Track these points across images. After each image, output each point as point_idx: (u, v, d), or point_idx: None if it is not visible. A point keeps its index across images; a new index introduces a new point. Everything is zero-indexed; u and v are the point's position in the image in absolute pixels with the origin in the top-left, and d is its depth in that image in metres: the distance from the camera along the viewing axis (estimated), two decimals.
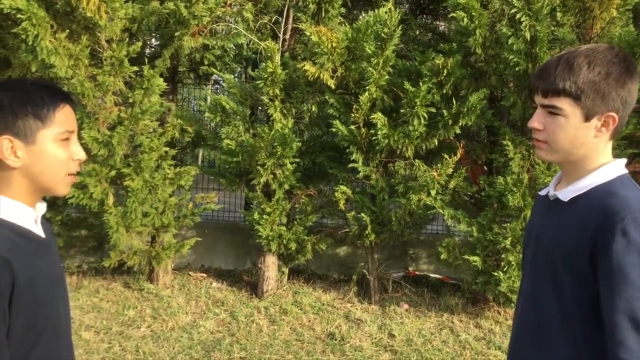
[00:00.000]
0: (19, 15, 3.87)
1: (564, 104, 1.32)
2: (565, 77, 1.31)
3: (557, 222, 1.38)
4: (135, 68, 4.36)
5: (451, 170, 4.48)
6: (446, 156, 4.47)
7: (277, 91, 4.59)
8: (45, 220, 1.43)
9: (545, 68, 1.36)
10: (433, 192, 4.47)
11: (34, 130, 1.28)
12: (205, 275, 5.46)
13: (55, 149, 1.30)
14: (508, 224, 4.35)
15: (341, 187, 4.67)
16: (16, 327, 1.22)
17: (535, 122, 1.37)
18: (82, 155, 1.35)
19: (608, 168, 1.34)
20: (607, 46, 1.35)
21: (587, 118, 1.32)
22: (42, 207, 1.37)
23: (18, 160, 1.28)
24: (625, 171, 1.36)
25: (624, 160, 1.38)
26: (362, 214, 4.67)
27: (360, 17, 5.26)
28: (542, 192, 1.51)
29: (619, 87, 1.31)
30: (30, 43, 3.95)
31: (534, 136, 1.39)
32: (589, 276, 1.27)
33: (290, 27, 4.89)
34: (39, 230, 1.34)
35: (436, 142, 4.57)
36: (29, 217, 1.32)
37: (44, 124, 1.29)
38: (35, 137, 1.28)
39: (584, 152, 1.35)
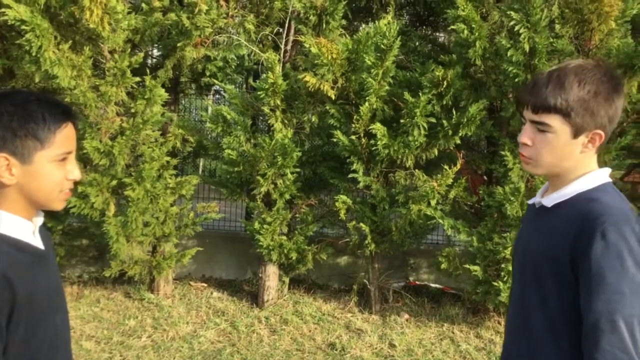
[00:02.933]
0: (23, 27, 3.91)
1: (554, 121, 1.34)
2: (556, 94, 1.34)
3: (541, 228, 1.42)
4: (138, 78, 4.39)
5: (451, 180, 4.50)
6: (446, 166, 4.50)
7: (278, 101, 4.62)
8: (45, 230, 1.43)
9: (536, 84, 1.38)
10: (433, 202, 4.49)
11: (31, 151, 1.26)
12: (205, 285, 5.46)
13: (51, 169, 1.29)
14: (508, 234, 4.36)
15: (342, 196, 4.69)
16: (14, 344, 1.21)
17: (525, 138, 1.39)
18: (77, 175, 1.34)
19: (592, 176, 1.38)
20: (596, 63, 1.38)
21: (576, 135, 1.35)
22: (39, 219, 1.37)
23: (13, 178, 1.26)
24: (609, 180, 1.40)
25: (608, 170, 1.41)
26: (363, 224, 4.68)
27: (361, 28, 5.30)
28: (531, 201, 1.54)
29: (607, 105, 1.34)
30: (33, 54, 3.98)
31: (521, 152, 1.42)
32: (572, 280, 1.29)
33: (291, 38, 4.94)
34: (37, 242, 1.34)
35: (436, 152, 4.60)
36: (27, 229, 1.31)
37: (43, 145, 1.26)
38: (32, 158, 1.26)
39: (569, 165, 1.39)
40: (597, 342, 1.21)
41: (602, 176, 1.39)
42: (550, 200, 1.41)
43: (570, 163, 1.38)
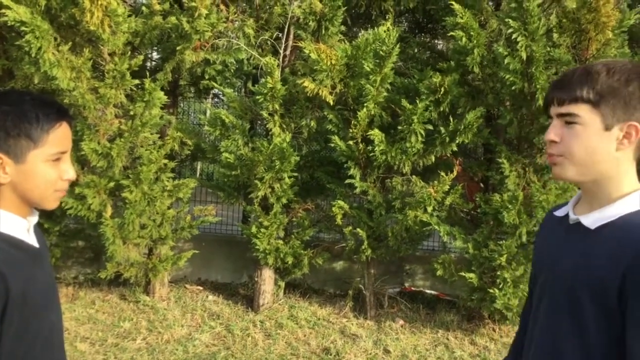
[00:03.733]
0: (22, 28, 3.92)
1: (582, 110, 1.22)
2: (583, 83, 1.23)
3: (581, 250, 1.25)
4: (137, 81, 4.40)
5: (447, 187, 4.52)
6: (443, 173, 4.51)
7: (277, 106, 4.64)
8: (38, 229, 1.44)
9: (562, 78, 1.28)
10: (429, 209, 4.50)
11: (25, 150, 1.27)
12: (201, 288, 5.46)
13: (45, 169, 1.29)
14: (504, 241, 4.37)
15: (338, 202, 4.70)
16: (8, 339, 1.22)
17: (552, 134, 1.26)
18: (71, 174, 1.35)
19: (638, 195, 1.23)
20: (629, 60, 1.27)
21: (607, 127, 1.21)
22: (34, 217, 1.38)
23: (6, 177, 1.27)
24: None
25: None
26: (359, 229, 4.70)
27: (360, 35, 5.33)
28: (558, 213, 1.39)
29: None
30: (33, 55, 3.99)
31: (549, 151, 1.28)
32: (616, 312, 1.15)
33: (290, 43, 4.96)
34: (31, 240, 1.35)
35: (433, 158, 4.62)
36: (21, 227, 1.32)
37: (36, 144, 1.27)
38: (25, 157, 1.27)
39: (605, 169, 1.24)
40: None
41: None
42: (591, 220, 1.25)
43: (606, 165, 1.23)
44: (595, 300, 1.18)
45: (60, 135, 1.31)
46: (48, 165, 1.30)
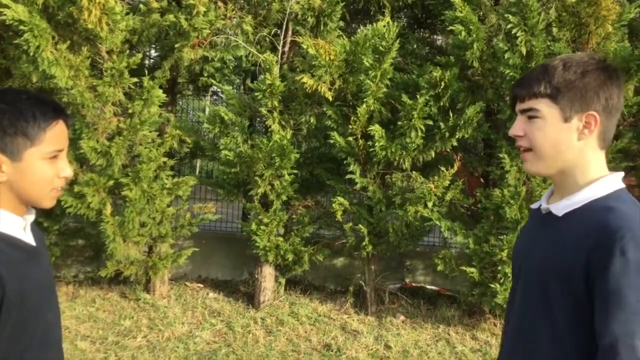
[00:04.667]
0: (20, 27, 3.91)
1: (541, 104, 1.29)
2: (540, 78, 1.30)
3: (550, 238, 1.32)
4: (135, 79, 4.39)
5: (448, 182, 4.51)
6: (443, 168, 4.51)
7: (276, 103, 4.63)
8: (36, 227, 1.43)
9: (523, 76, 1.36)
10: (430, 204, 4.50)
11: (21, 148, 1.26)
12: (202, 285, 5.46)
13: (42, 166, 1.29)
14: (504, 236, 4.37)
15: (338, 198, 4.69)
16: (4, 338, 1.22)
17: (516, 129, 1.34)
18: (68, 172, 1.34)
19: (604, 181, 1.28)
20: (587, 53, 1.34)
21: (567, 119, 1.28)
22: (30, 215, 1.37)
23: (3, 175, 1.27)
24: (622, 185, 1.31)
25: (621, 174, 1.32)
26: (359, 225, 4.69)
27: (359, 30, 5.31)
28: (535, 206, 1.45)
29: (597, 87, 1.28)
30: (31, 54, 3.98)
31: (517, 144, 1.36)
32: (584, 296, 1.20)
33: (289, 39, 4.94)
34: (28, 238, 1.34)
35: (433, 154, 4.61)
36: (18, 225, 1.32)
37: (33, 142, 1.27)
38: (22, 155, 1.27)
39: (570, 159, 1.30)
40: None
41: (615, 181, 1.29)
42: (560, 208, 1.31)
43: (571, 155, 1.29)
44: (564, 286, 1.23)
45: (57, 133, 1.31)
46: (45, 163, 1.30)
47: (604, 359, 1.14)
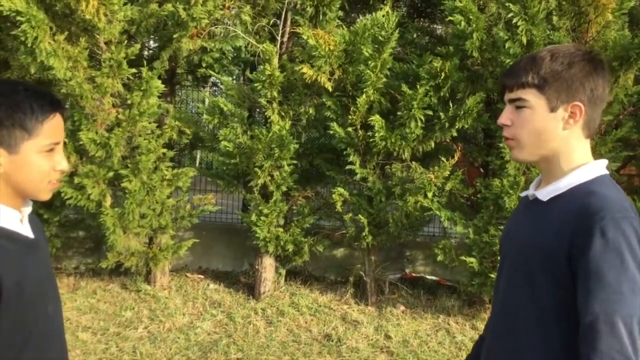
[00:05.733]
0: (18, 18, 3.89)
1: (529, 95, 1.33)
2: (528, 69, 1.33)
3: (535, 222, 1.35)
4: (134, 70, 4.37)
5: (448, 172, 4.51)
6: (443, 158, 4.50)
7: (275, 93, 4.61)
8: (36, 219, 1.43)
9: (511, 66, 1.39)
10: (430, 194, 4.50)
11: (19, 141, 1.26)
12: (202, 276, 5.47)
13: (39, 160, 1.28)
14: (504, 226, 4.37)
15: (338, 189, 4.69)
16: (3, 331, 1.21)
17: (504, 118, 1.38)
18: (64, 165, 1.34)
19: (588, 168, 1.33)
20: (575, 44, 1.38)
21: (553, 109, 1.32)
22: (28, 208, 1.37)
23: (0, 167, 1.27)
24: (606, 172, 1.34)
25: (605, 161, 1.36)
26: (359, 216, 4.69)
27: (358, 20, 5.28)
28: (524, 193, 1.49)
29: (583, 77, 1.31)
30: (29, 45, 3.96)
31: (504, 134, 1.40)
32: (567, 278, 1.23)
33: (288, 30, 4.92)
34: (25, 230, 1.33)
35: (433, 144, 4.60)
36: (15, 218, 1.31)
37: (30, 135, 1.26)
38: (19, 148, 1.26)
39: (555, 147, 1.34)
40: (594, 344, 1.16)
41: (599, 168, 1.33)
42: (545, 193, 1.35)
43: (555, 144, 1.33)
44: (547, 267, 1.27)
45: (54, 126, 1.30)
46: (41, 156, 1.29)
47: (584, 337, 1.18)
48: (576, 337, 1.21)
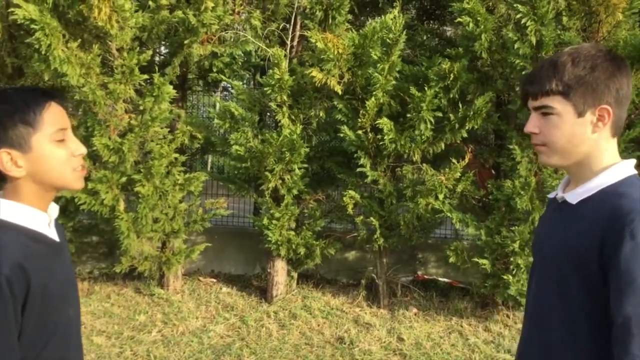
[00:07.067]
0: (32, 26, 3.94)
1: (554, 102, 1.31)
2: (551, 75, 1.31)
3: (565, 224, 1.35)
4: (146, 76, 4.42)
5: (459, 174, 4.50)
6: (454, 160, 4.50)
7: (285, 97, 4.64)
8: (60, 223, 1.46)
9: (533, 73, 1.37)
10: (441, 196, 4.49)
11: (26, 137, 1.28)
12: (215, 280, 5.50)
13: (53, 149, 1.31)
14: (516, 227, 4.36)
15: (349, 191, 4.70)
16: (27, 330, 1.24)
17: (531, 126, 1.36)
18: (82, 149, 1.36)
19: (616, 169, 1.31)
20: (592, 44, 1.35)
21: (581, 114, 1.30)
22: (54, 210, 1.40)
23: (21, 170, 1.29)
24: (634, 172, 1.32)
25: (633, 161, 1.34)
26: (371, 219, 4.70)
27: (367, 23, 5.30)
28: (552, 195, 1.48)
29: (607, 79, 1.29)
30: (43, 52, 4.01)
31: (532, 142, 1.38)
32: (598, 281, 1.23)
33: (297, 34, 4.95)
34: (52, 234, 1.37)
35: (443, 146, 4.60)
36: (43, 221, 1.34)
37: (34, 128, 1.28)
38: (30, 144, 1.28)
39: (585, 151, 1.32)
40: (626, 346, 1.15)
41: (628, 168, 1.32)
42: (574, 196, 1.34)
43: (585, 147, 1.31)
44: (578, 269, 1.26)
45: (53, 113, 1.32)
46: (54, 145, 1.31)
47: (617, 338, 1.18)
48: (607, 338, 1.21)
